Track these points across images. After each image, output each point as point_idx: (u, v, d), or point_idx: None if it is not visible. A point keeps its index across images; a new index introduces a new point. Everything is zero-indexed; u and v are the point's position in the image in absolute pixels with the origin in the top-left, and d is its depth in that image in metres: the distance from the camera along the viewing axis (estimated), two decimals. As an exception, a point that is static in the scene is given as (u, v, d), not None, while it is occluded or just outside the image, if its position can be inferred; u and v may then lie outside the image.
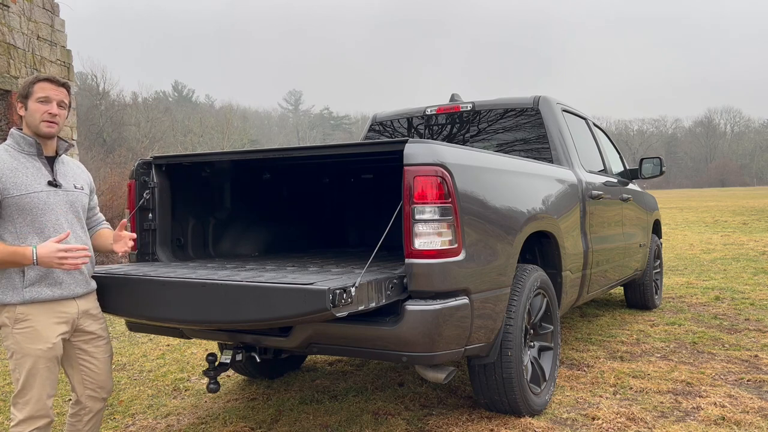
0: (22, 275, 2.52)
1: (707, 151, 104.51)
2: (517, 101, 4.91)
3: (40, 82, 2.63)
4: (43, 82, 2.63)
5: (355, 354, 3.15)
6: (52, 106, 2.62)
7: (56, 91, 2.64)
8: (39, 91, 2.61)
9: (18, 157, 2.60)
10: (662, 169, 6.06)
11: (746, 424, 3.40)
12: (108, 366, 2.82)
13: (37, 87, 2.62)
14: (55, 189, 2.65)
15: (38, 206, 2.57)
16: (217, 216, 4.10)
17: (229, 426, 3.63)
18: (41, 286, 2.55)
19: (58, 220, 2.62)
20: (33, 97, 2.61)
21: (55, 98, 2.63)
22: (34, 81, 2.63)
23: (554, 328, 3.87)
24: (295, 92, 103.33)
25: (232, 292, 2.60)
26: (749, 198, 37.14)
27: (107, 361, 2.81)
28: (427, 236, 2.77)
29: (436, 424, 3.51)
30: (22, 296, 2.52)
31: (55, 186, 2.65)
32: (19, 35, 11.72)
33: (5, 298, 2.52)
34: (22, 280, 2.52)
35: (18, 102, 2.65)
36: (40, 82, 2.63)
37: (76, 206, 2.74)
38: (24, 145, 2.63)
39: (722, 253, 11.47)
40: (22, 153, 2.62)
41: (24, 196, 2.54)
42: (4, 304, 2.53)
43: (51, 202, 2.61)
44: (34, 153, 2.64)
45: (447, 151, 2.92)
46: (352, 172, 5.22)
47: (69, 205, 2.70)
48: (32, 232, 2.55)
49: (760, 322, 5.88)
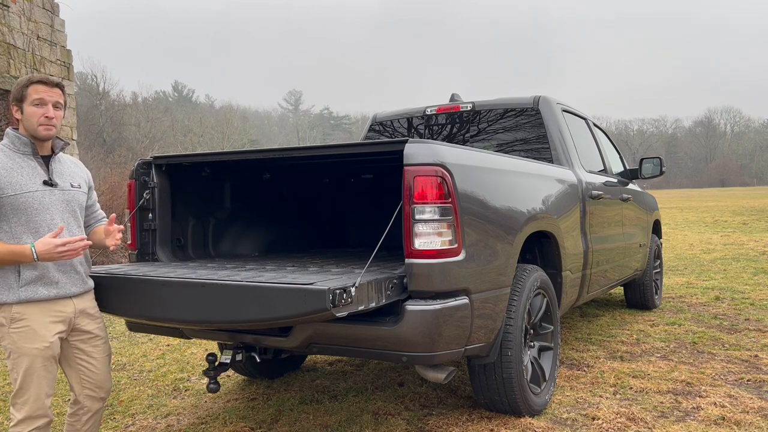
0: (18, 275, 2.52)
1: (707, 151, 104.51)
2: (517, 101, 4.91)
3: (33, 85, 2.59)
4: (37, 84, 2.59)
5: (355, 354, 3.15)
6: (48, 109, 2.60)
7: (51, 92, 2.61)
8: (33, 93, 2.58)
9: (13, 156, 2.59)
10: (662, 169, 6.07)
11: (746, 424, 3.40)
12: (106, 365, 2.81)
13: (31, 90, 2.58)
14: (50, 188, 2.63)
15: (33, 206, 2.57)
16: (217, 216, 4.09)
17: (229, 426, 3.63)
18: (37, 285, 2.55)
19: (53, 220, 2.61)
20: (28, 100, 2.58)
21: (50, 100, 2.60)
22: (27, 84, 2.59)
23: (554, 328, 3.87)
24: (295, 92, 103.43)
25: (232, 292, 2.60)
26: (749, 198, 37.14)
27: (105, 361, 2.80)
28: (427, 236, 2.77)
29: (436, 424, 3.51)
30: (18, 296, 2.51)
31: (51, 185, 2.64)
32: (19, 35, 11.72)
33: (1, 297, 2.52)
34: (17, 280, 2.52)
35: (13, 105, 2.61)
36: (34, 84, 2.59)
37: (73, 205, 2.73)
38: (19, 145, 2.62)
39: (722, 253, 11.47)
40: (18, 153, 2.61)
41: (19, 196, 2.53)
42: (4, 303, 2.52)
43: (46, 201, 2.61)
44: (30, 153, 2.63)
45: (447, 151, 2.92)
46: (352, 172, 5.22)
47: (65, 204, 2.68)
48: (27, 231, 2.55)
49: (760, 322, 5.87)
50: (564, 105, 4.99)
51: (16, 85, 2.62)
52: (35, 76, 2.63)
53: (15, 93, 2.59)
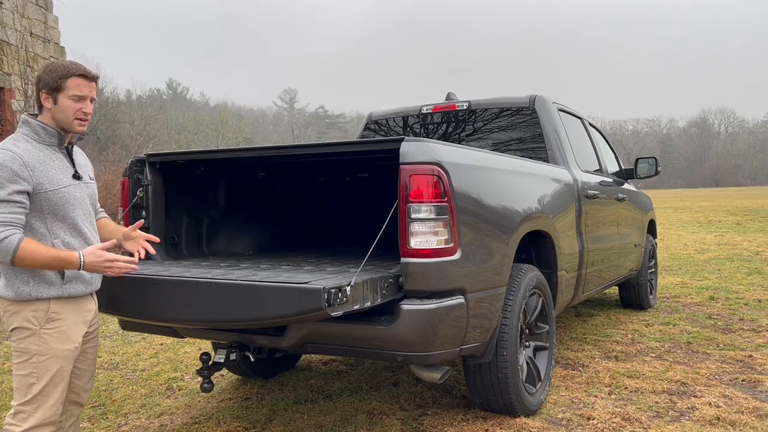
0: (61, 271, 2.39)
1: (701, 151, 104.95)
2: (513, 100, 4.90)
3: (74, 78, 2.40)
4: (78, 77, 2.41)
5: (351, 353, 3.13)
6: (86, 104, 2.44)
7: (89, 87, 2.44)
8: (74, 88, 2.40)
9: (41, 148, 2.41)
10: (657, 169, 6.07)
11: (741, 424, 3.40)
12: (94, 367, 2.72)
13: (71, 83, 2.39)
14: (78, 182, 2.51)
15: (69, 201, 2.43)
16: (211, 214, 4.07)
17: (222, 426, 3.60)
18: (76, 282, 2.44)
19: (85, 214, 2.51)
20: (66, 92, 2.39)
21: (89, 95, 2.45)
22: (66, 75, 2.39)
23: (550, 327, 3.86)
24: (290, 90, 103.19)
25: (226, 291, 2.58)
26: (743, 198, 37.32)
27: (94, 362, 2.72)
28: (422, 235, 2.76)
29: (431, 424, 3.49)
30: (62, 291, 2.38)
31: (78, 179, 2.52)
32: (12, 32, 11.65)
33: (38, 293, 2.34)
34: (59, 275, 2.38)
35: (43, 92, 2.40)
36: (74, 77, 2.40)
37: (94, 198, 2.64)
38: (44, 136, 2.43)
39: (716, 253, 11.51)
40: (44, 144, 2.42)
41: (57, 191, 2.38)
42: (36, 299, 2.35)
43: (78, 195, 2.48)
44: (55, 144, 2.45)
45: (443, 149, 2.91)
46: (348, 170, 5.20)
47: (89, 198, 2.58)
48: (65, 228, 2.42)
49: (754, 322, 5.89)
50: (560, 104, 4.99)
51: (49, 71, 2.40)
52: (74, 66, 2.43)
53: (50, 81, 2.39)
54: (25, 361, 2.36)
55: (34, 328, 2.35)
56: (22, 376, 2.36)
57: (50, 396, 2.37)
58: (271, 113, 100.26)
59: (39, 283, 2.36)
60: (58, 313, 2.39)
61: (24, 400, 2.36)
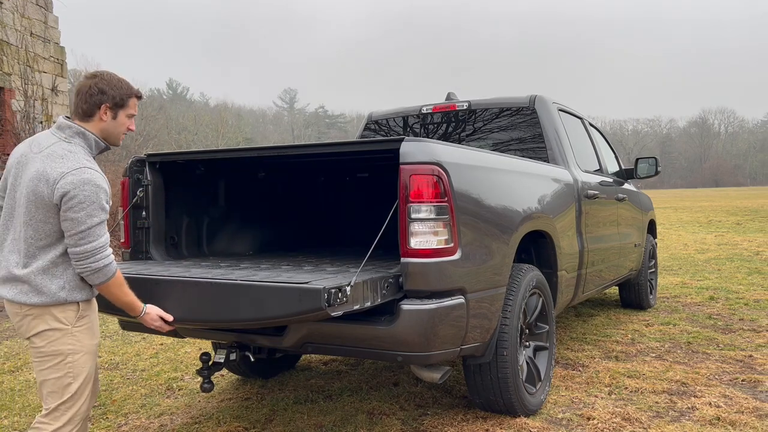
0: None
1: (701, 151, 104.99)
2: (513, 100, 4.90)
3: (134, 98, 2.53)
4: (136, 98, 2.55)
5: (351, 353, 3.13)
6: (133, 122, 2.58)
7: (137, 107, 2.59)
8: (133, 107, 2.53)
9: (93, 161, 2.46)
10: (657, 169, 6.07)
11: (741, 424, 3.40)
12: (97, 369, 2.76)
13: (132, 102, 2.52)
14: None
15: None
16: (211, 214, 4.07)
17: (222, 426, 3.60)
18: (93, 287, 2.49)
19: None
20: (126, 110, 2.50)
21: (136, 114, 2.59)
22: (131, 94, 2.52)
23: (550, 327, 3.86)
24: (290, 90, 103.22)
25: (226, 291, 2.58)
26: (743, 198, 37.32)
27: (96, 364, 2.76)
28: (422, 235, 2.76)
29: (432, 424, 3.49)
30: (93, 292, 2.46)
31: None
32: (12, 32, 11.64)
33: (76, 296, 2.39)
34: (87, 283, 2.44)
35: (107, 105, 2.45)
36: (134, 98, 2.54)
37: None
38: (95, 148, 2.48)
39: (716, 253, 11.51)
40: (90, 154, 2.45)
41: None
42: (74, 302, 2.39)
43: None
44: (94, 154, 2.50)
45: (443, 149, 2.91)
46: (348, 170, 5.20)
47: None
48: None
49: (754, 322, 5.89)
50: (560, 104, 4.99)
51: (116, 87, 2.48)
52: (133, 86, 2.56)
53: (117, 98, 2.47)
54: (59, 363, 2.37)
55: (66, 328, 2.38)
56: (56, 379, 2.38)
57: (84, 392, 2.44)
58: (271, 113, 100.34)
59: (74, 288, 2.39)
60: (85, 310, 2.45)
61: (61, 401, 2.38)
